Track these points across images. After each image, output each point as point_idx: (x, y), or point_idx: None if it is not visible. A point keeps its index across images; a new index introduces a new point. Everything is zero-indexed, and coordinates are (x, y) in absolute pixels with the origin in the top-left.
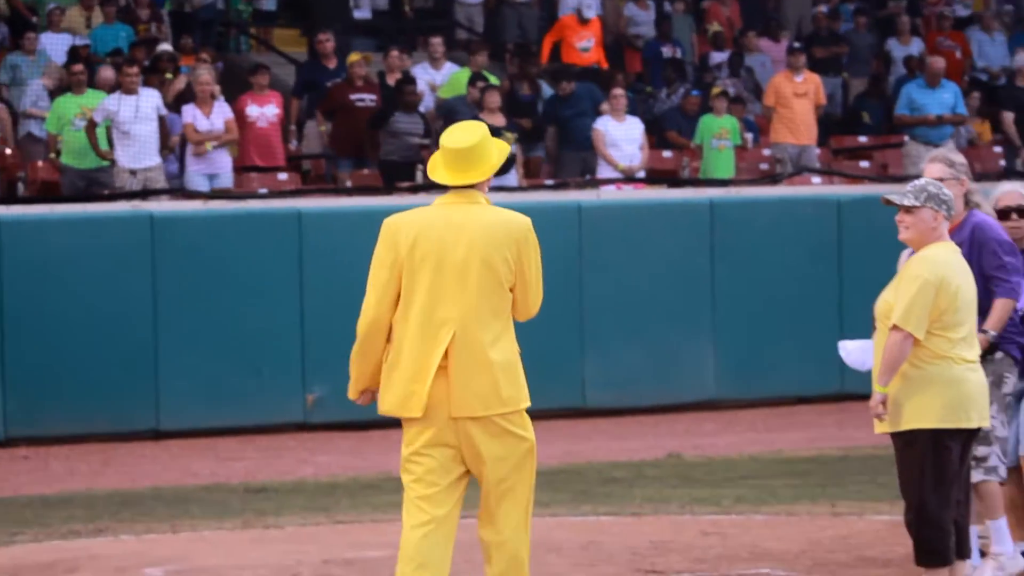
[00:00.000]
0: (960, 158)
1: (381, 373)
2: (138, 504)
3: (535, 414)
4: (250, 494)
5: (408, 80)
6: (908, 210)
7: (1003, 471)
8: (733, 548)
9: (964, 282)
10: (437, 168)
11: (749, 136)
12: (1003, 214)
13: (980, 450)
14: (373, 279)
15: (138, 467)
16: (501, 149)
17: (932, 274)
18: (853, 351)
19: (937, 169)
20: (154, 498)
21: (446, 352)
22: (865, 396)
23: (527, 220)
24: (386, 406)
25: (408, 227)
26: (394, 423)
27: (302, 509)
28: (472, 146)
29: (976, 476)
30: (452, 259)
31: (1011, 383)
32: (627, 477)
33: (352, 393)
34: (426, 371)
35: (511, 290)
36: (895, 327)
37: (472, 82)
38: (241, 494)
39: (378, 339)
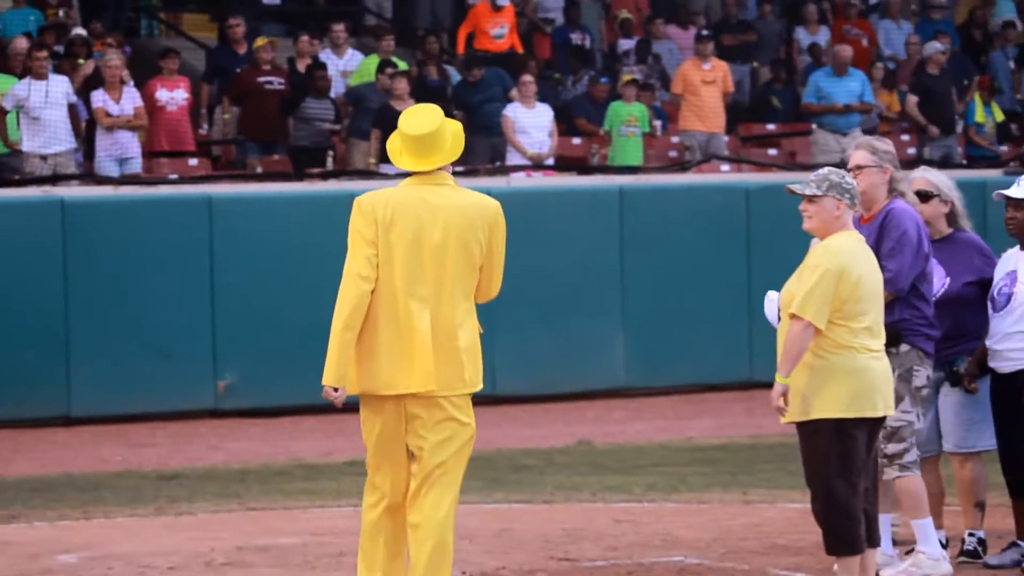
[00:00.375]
0: (885, 145)
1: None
2: (50, 491)
3: None
4: (163, 481)
5: (319, 65)
6: (811, 199)
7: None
8: (646, 536)
9: (867, 271)
10: (399, 154)
11: (658, 123)
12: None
13: (892, 447)
14: (356, 253)
15: (49, 453)
16: (456, 131)
17: (833, 264)
18: (774, 300)
19: (861, 156)
20: (66, 484)
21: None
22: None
23: (498, 204)
24: (363, 386)
25: (384, 205)
26: (304, 410)
27: (214, 496)
28: (433, 131)
29: (892, 473)
30: (429, 239)
31: (922, 376)
32: (538, 464)
33: (332, 378)
34: (408, 350)
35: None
36: (795, 317)
37: (381, 69)
38: (154, 480)
39: (363, 313)
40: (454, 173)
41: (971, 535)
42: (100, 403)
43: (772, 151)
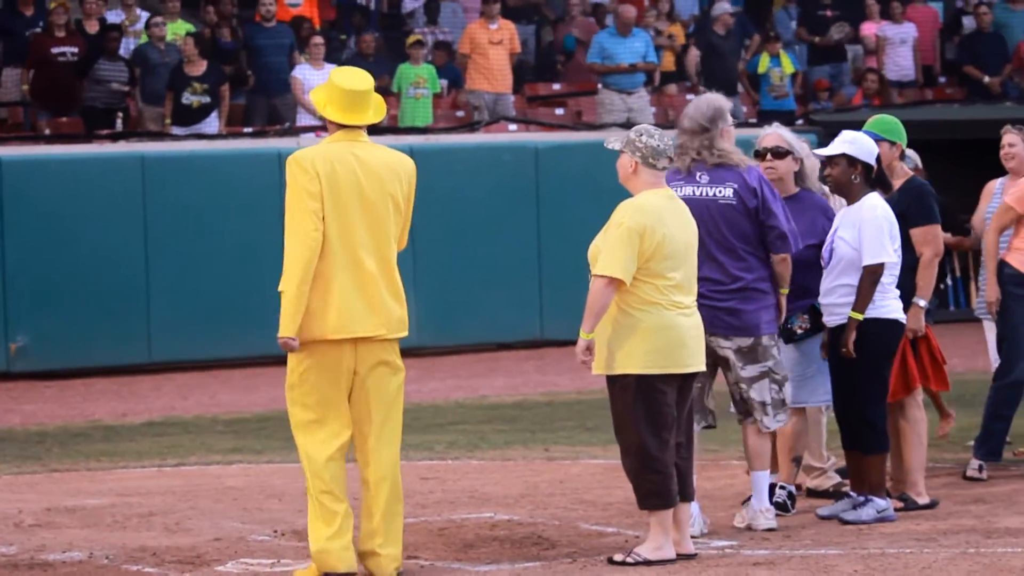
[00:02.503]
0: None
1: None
2: None
3: (238, 362)
4: None
5: (112, 27)
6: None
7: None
8: (453, 493)
9: (675, 229)
10: (324, 105)
11: (445, 83)
12: (759, 155)
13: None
14: (302, 209)
15: None
16: (380, 99)
17: (633, 220)
18: None
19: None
20: None
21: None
22: (564, 342)
23: (413, 161)
24: (318, 333)
25: (322, 161)
26: (96, 372)
27: (15, 458)
28: (367, 90)
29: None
30: (367, 193)
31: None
32: None
33: (290, 329)
34: (363, 296)
35: None
36: (596, 274)
37: (148, 27)
38: None
39: (314, 266)
40: (243, 135)
41: (782, 488)
42: None
43: (559, 111)
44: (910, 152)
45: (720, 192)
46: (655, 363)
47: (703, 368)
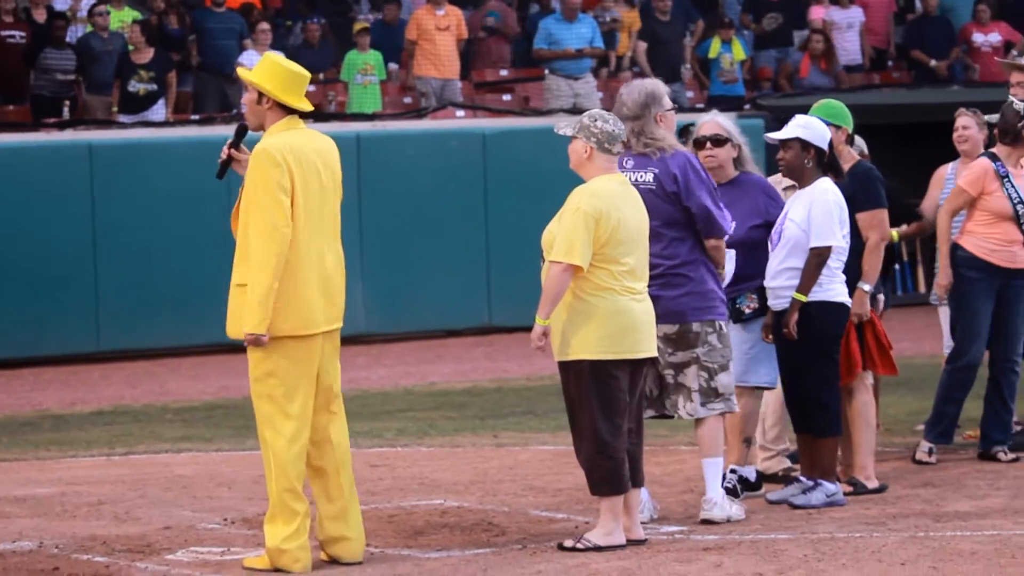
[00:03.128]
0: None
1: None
2: None
3: (186, 350)
4: None
5: (58, 15)
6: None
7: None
8: (403, 480)
9: (629, 215)
10: (282, 90)
11: (394, 68)
12: (698, 144)
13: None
14: (275, 203)
15: None
16: None
17: (590, 206)
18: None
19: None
20: None
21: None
22: (513, 328)
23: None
24: (295, 328)
25: (291, 154)
26: (43, 361)
27: None
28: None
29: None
30: (325, 184)
31: None
32: None
33: (261, 326)
34: (327, 289)
35: None
36: (552, 260)
37: (91, 12)
38: None
39: (284, 261)
40: (190, 122)
41: (732, 471)
42: None
43: (506, 96)
44: (858, 138)
45: (641, 177)
46: (608, 348)
47: (654, 353)
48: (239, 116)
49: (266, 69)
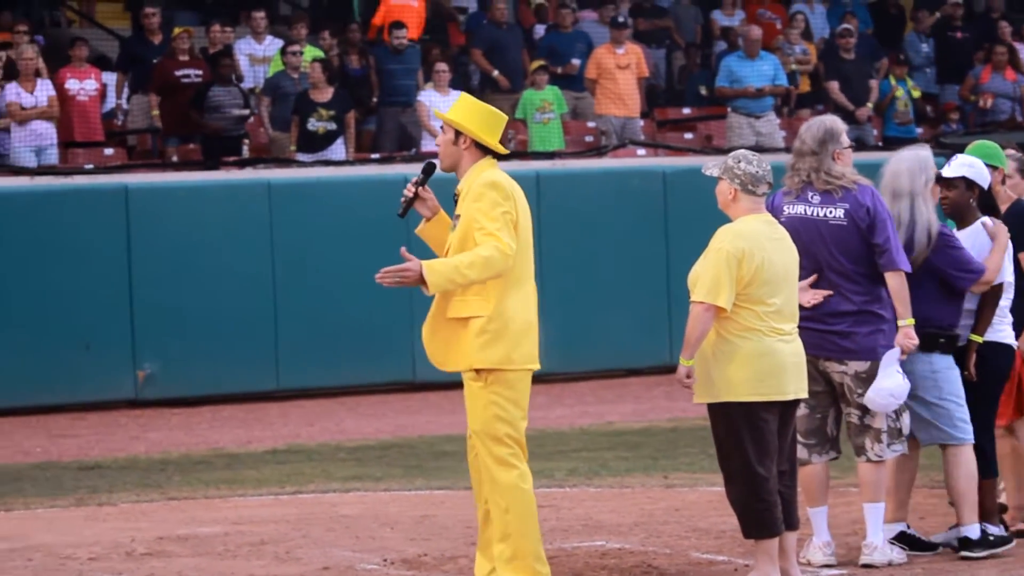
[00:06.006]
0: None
1: (484, 328)
2: None
3: (366, 388)
4: (83, 471)
5: (224, 53)
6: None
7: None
8: (567, 520)
9: (774, 255)
10: (490, 133)
11: (580, 97)
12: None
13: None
14: (507, 232)
15: None
16: None
17: (733, 246)
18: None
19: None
20: None
21: None
22: None
23: None
24: (523, 358)
25: (514, 190)
26: (223, 399)
27: (135, 486)
28: None
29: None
30: (530, 225)
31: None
32: (459, 451)
33: None
34: (536, 328)
35: None
36: (695, 300)
37: (284, 52)
38: (74, 471)
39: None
40: (370, 160)
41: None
42: (20, 394)
43: (688, 135)
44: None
45: (831, 213)
46: (756, 391)
47: (805, 395)
48: (419, 156)
49: (465, 108)
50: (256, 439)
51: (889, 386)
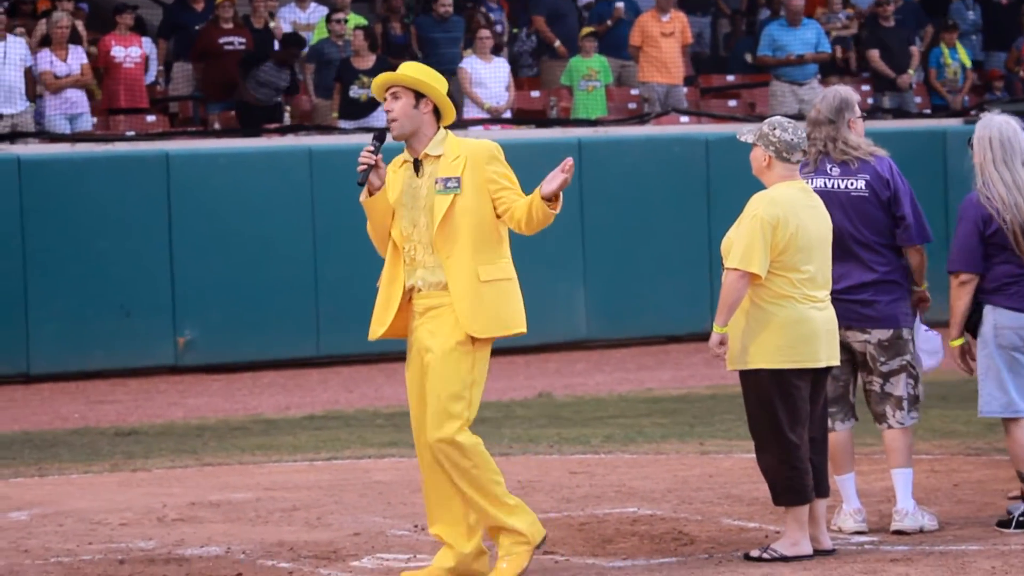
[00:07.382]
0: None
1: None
2: (6, 448)
3: (397, 356)
4: (120, 437)
5: (295, 41)
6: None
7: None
8: (600, 487)
9: (808, 222)
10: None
11: (625, 65)
12: None
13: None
14: None
15: (8, 411)
16: None
17: (767, 213)
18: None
19: None
20: (23, 442)
21: None
22: None
23: None
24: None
25: None
26: (263, 365)
27: (171, 452)
28: None
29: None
30: None
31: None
32: (496, 417)
33: None
34: None
35: None
36: (729, 267)
37: (329, 19)
38: (111, 437)
39: None
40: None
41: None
42: (59, 361)
43: (732, 102)
44: None
45: (852, 184)
46: (789, 358)
47: (837, 363)
48: (459, 123)
49: (424, 72)
50: (295, 405)
51: (933, 347)
